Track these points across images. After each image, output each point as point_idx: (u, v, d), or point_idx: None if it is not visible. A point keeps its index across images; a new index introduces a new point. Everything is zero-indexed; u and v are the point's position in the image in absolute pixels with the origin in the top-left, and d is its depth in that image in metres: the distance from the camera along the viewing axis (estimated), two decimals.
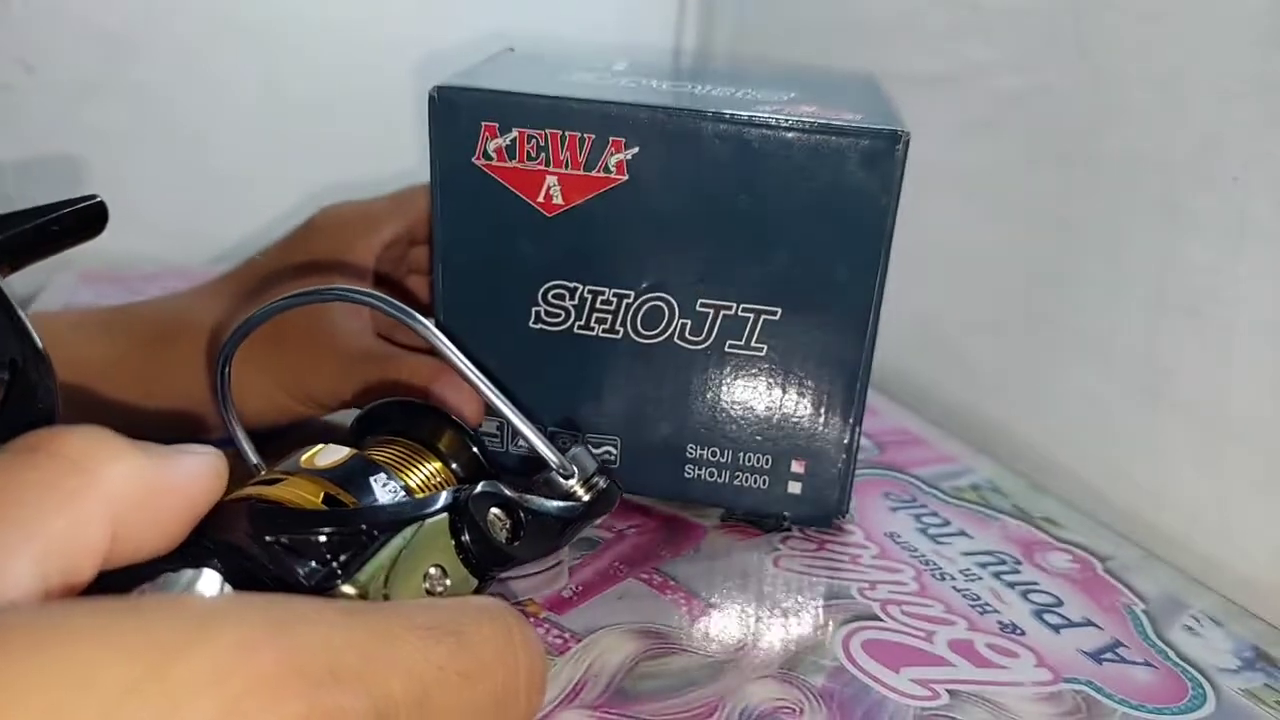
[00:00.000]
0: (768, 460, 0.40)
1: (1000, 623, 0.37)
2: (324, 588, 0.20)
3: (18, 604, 0.14)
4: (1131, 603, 0.39)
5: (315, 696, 0.13)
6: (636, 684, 0.32)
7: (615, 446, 0.41)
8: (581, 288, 0.38)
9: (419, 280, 0.46)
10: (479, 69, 0.41)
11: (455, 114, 0.37)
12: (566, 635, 0.34)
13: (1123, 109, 0.47)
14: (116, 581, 0.16)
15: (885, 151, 0.35)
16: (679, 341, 0.39)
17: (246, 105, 0.75)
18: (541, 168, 0.37)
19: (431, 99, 0.37)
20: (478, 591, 0.23)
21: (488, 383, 0.27)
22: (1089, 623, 0.37)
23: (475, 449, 0.28)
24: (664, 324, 0.39)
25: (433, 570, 0.21)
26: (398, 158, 0.74)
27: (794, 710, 0.31)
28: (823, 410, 0.39)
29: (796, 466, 0.40)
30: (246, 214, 0.74)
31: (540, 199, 0.37)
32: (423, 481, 0.26)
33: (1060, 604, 0.38)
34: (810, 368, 0.39)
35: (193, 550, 0.18)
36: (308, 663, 0.14)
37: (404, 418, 0.28)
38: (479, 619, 0.17)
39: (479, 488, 0.23)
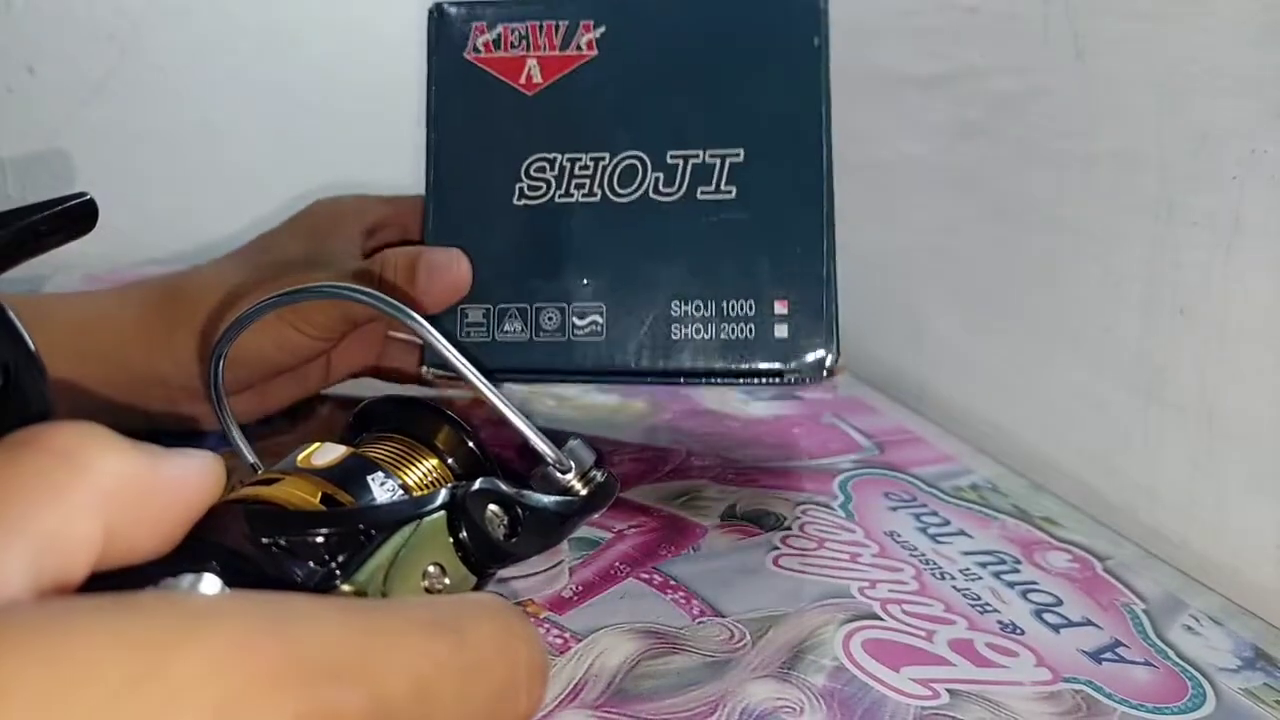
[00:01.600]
0: (751, 305, 0.41)
1: (1000, 622, 0.37)
2: (322, 588, 0.19)
3: (11, 601, 0.14)
4: (1131, 602, 0.39)
5: (314, 693, 0.13)
6: (637, 684, 0.32)
7: (601, 315, 0.41)
8: (560, 157, 0.42)
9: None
10: None
11: (451, 21, 0.42)
12: (567, 635, 0.34)
13: (1118, 110, 0.47)
14: (112, 586, 0.16)
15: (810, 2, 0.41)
16: (654, 196, 0.41)
17: (248, 105, 0.75)
18: (523, 53, 0.42)
19: (431, 13, 0.42)
20: (477, 589, 0.23)
21: (481, 377, 0.27)
22: (1089, 622, 0.37)
23: (472, 444, 0.28)
24: (638, 180, 0.41)
25: (431, 569, 0.21)
26: (400, 157, 0.74)
27: (794, 710, 0.31)
28: (796, 245, 0.41)
29: (780, 307, 0.41)
30: (249, 214, 0.74)
31: (522, 80, 0.42)
32: (420, 479, 0.26)
33: (1060, 603, 0.38)
34: (777, 204, 0.41)
35: (190, 553, 0.18)
36: (306, 660, 0.14)
37: (401, 414, 0.28)
38: (479, 615, 0.17)
39: (476, 485, 0.23)
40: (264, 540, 0.20)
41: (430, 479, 0.26)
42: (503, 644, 0.17)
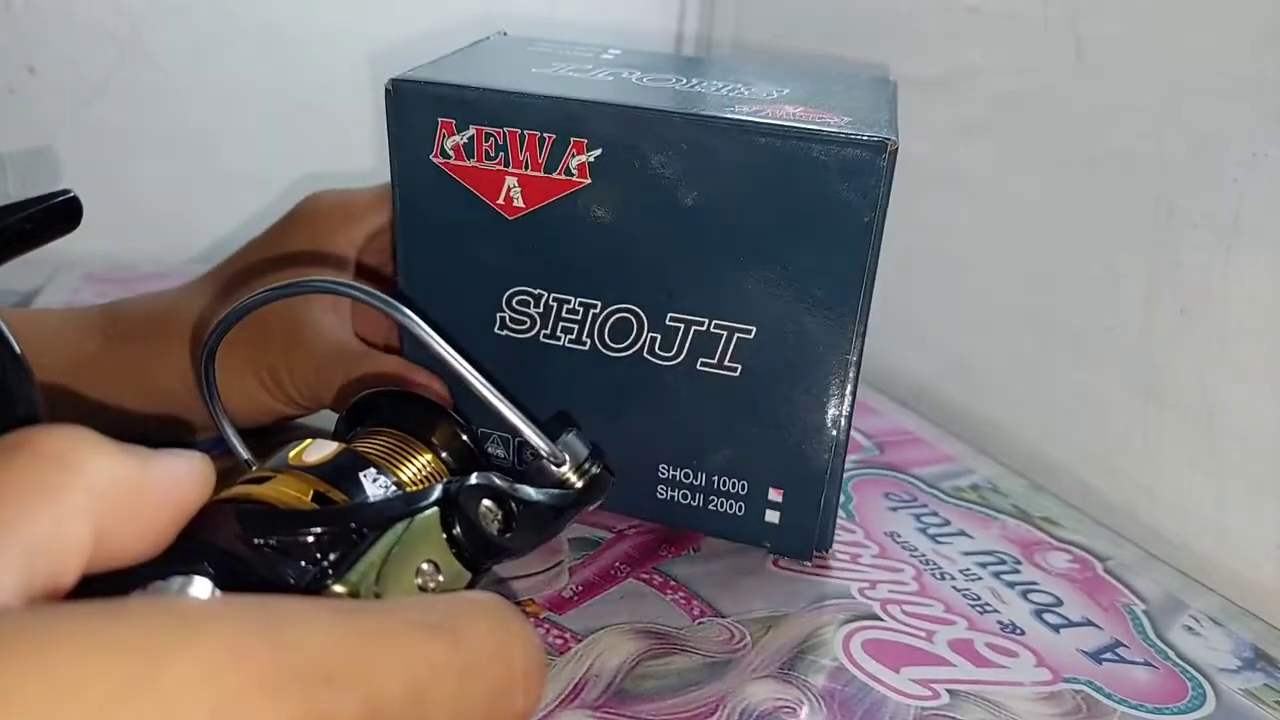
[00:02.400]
0: (743, 486, 0.38)
1: (1000, 622, 0.37)
2: (315, 588, 0.19)
3: (1, 606, 0.14)
4: (1131, 603, 0.39)
5: (308, 697, 0.13)
6: (637, 684, 0.32)
7: None
8: (546, 295, 0.37)
9: None
10: (450, 59, 0.39)
11: (412, 109, 0.35)
12: (567, 635, 0.34)
13: (1120, 111, 0.47)
14: (103, 589, 0.16)
15: (868, 162, 0.32)
16: (649, 356, 0.37)
17: (249, 106, 0.75)
18: (501, 168, 0.35)
19: (388, 91, 0.35)
20: (471, 584, 0.22)
21: (471, 370, 0.27)
22: (1089, 623, 0.37)
23: (466, 438, 0.28)
24: (633, 337, 0.37)
25: (425, 566, 0.21)
26: None
27: (794, 710, 0.31)
28: (801, 437, 0.37)
29: (774, 495, 0.38)
30: (249, 215, 0.74)
31: (501, 201, 0.36)
32: (414, 474, 0.25)
33: (1060, 604, 0.38)
34: (787, 392, 0.36)
35: (181, 555, 0.18)
36: (300, 663, 0.13)
37: (393, 408, 0.28)
38: (474, 615, 0.17)
39: (469, 480, 0.23)
40: (255, 540, 0.20)
41: (424, 474, 0.26)
42: (499, 643, 0.17)
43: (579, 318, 0.37)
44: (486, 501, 0.23)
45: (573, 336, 0.37)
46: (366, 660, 0.14)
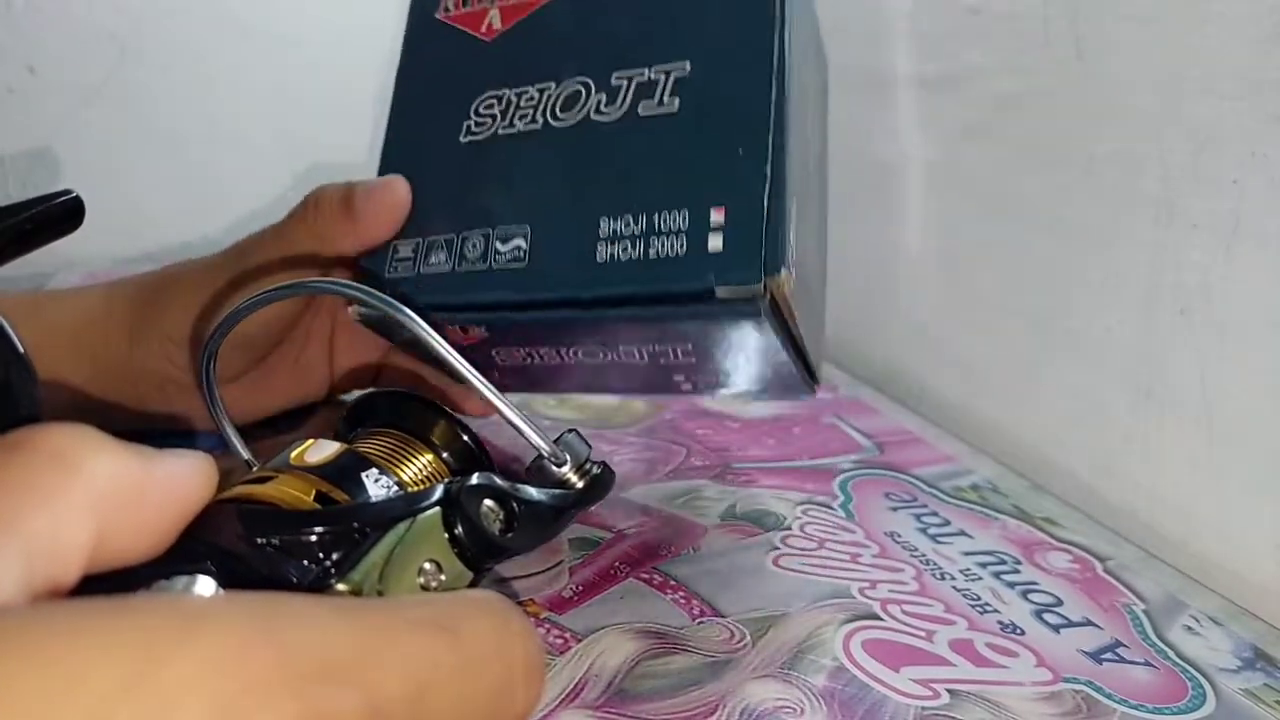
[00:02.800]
0: (684, 217, 0.36)
1: (1000, 622, 0.37)
2: (317, 587, 0.19)
3: (3, 604, 0.14)
4: (1131, 603, 0.39)
5: (309, 695, 0.13)
6: (637, 684, 0.32)
7: (524, 239, 0.38)
8: (509, 92, 0.40)
9: None
10: None
11: None
12: (567, 635, 0.34)
13: (1119, 111, 0.47)
14: (106, 588, 0.16)
15: None
16: (594, 117, 0.39)
17: (248, 105, 0.75)
18: (486, 5, 0.42)
19: None
20: (473, 584, 0.23)
21: (471, 369, 0.27)
22: (1089, 623, 0.37)
23: (467, 438, 0.28)
24: (580, 104, 0.39)
25: (427, 565, 0.21)
26: None
27: (794, 710, 0.31)
28: (738, 150, 0.36)
29: (716, 215, 0.36)
30: (249, 214, 0.74)
31: (483, 29, 0.42)
32: (415, 474, 0.25)
33: (1060, 604, 0.38)
34: (723, 113, 0.37)
35: (184, 554, 0.18)
36: (301, 661, 0.13)
37: (395, 409, 0.28)
38: (475, 613, 0.17)
39: (470, 480, 0.23)
40: (258, 540, 0.20)
41: (425, 474, 0.26)
42: (499, 642, 0.17)
43: (535, 101, 0.40)
44: (488, 501, 0.23)
45: (527, 120, 0.40)
46: (368, 658, 0.14)
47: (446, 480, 0.23)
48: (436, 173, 0.40)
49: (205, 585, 0.16)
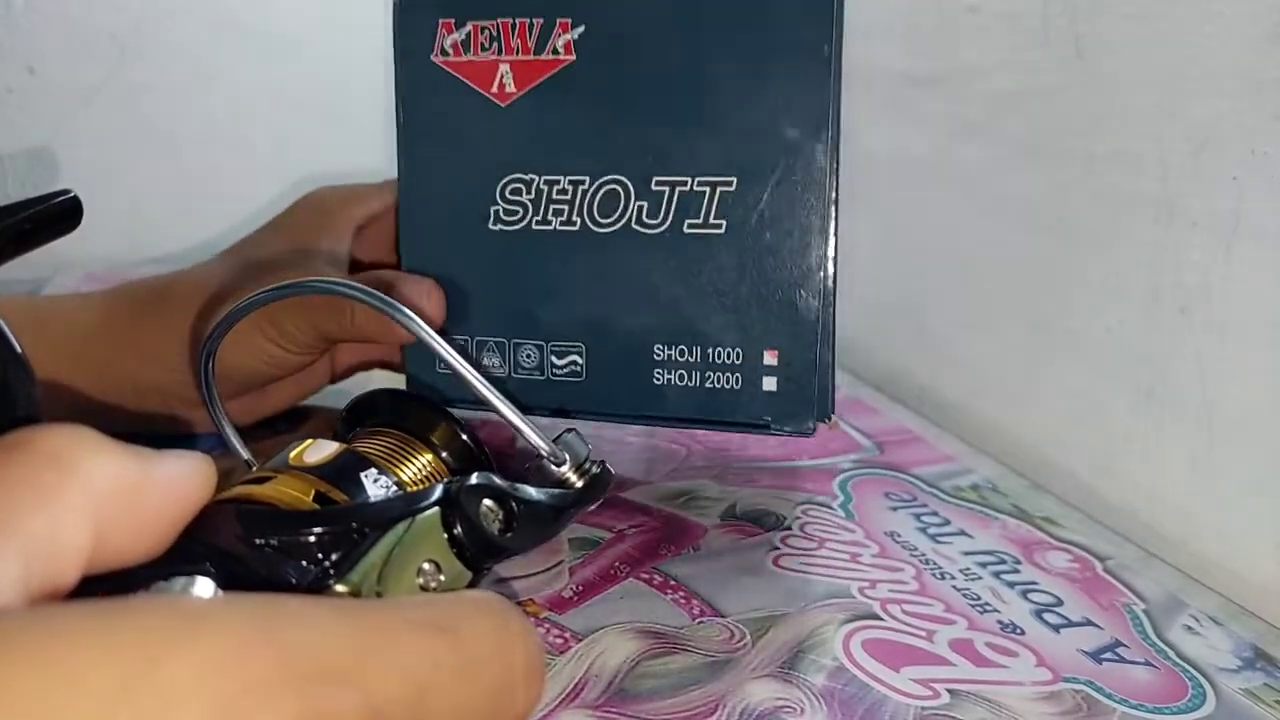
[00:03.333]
0: (738, 354, 0.38)
1: (1000, 622, 0.37)
2: (316, 588, 0.19)
3: (2, 607, 0.14)
4: (1131, 602, 0.39)
5: (309, 696, 0.13)
6: (637, 684, 0.32)
7: (580, 355, 0.39)
8: (538, 179, 0.39)
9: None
10: None
11: (416, 15, 0.39)
12: (567, 635, 0.34)
13: (1119, 109, 0.47)
14: (105, 589, 0.16)
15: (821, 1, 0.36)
16: (637, 227, 0.38)
17: (248, 105, 0.75)
18: (494, 57, 0.38)
19: (395, 4, 0.39)
20: (472, 584, 0.23)
21: (471, 370, 0.27)
22: (1089, 622, 0.37)
23: (466, 438, 0.28)
24: (620, 208, 0.38)
25: (426, 566, 0.21)
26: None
27: (794, 710, 0.31)
28: (792, 289, 0.37)
29: (769, 358, 0.38)
30: (248, 214, 0.74)
31: (494, 89, 0.39)
32: (414, 474, 0.25)
33: (1060, 604, 0.38)
34: (772, 241, 0.37)
35: (182, 555, 0.18)
36: (301, 662, 0.13)
37: (394, 409, 0.28)
38: (474, 614, 0.17)
39: (470, 480, 0.23)
40: (257, 540, 0.20)
41: (425, 474, 0.26)
42: (499, 643, 0.17)
43: (569, 196, 0.38)
44: (487, 501, 0.23)
45: (563, 219, 0.39)
46: (367, 659, 0.14)
47: (446, 480, 0.23)
48: (470, 263, 0.39)
49: (204, 586, 0.16)
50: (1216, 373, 0.43)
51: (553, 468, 0.28)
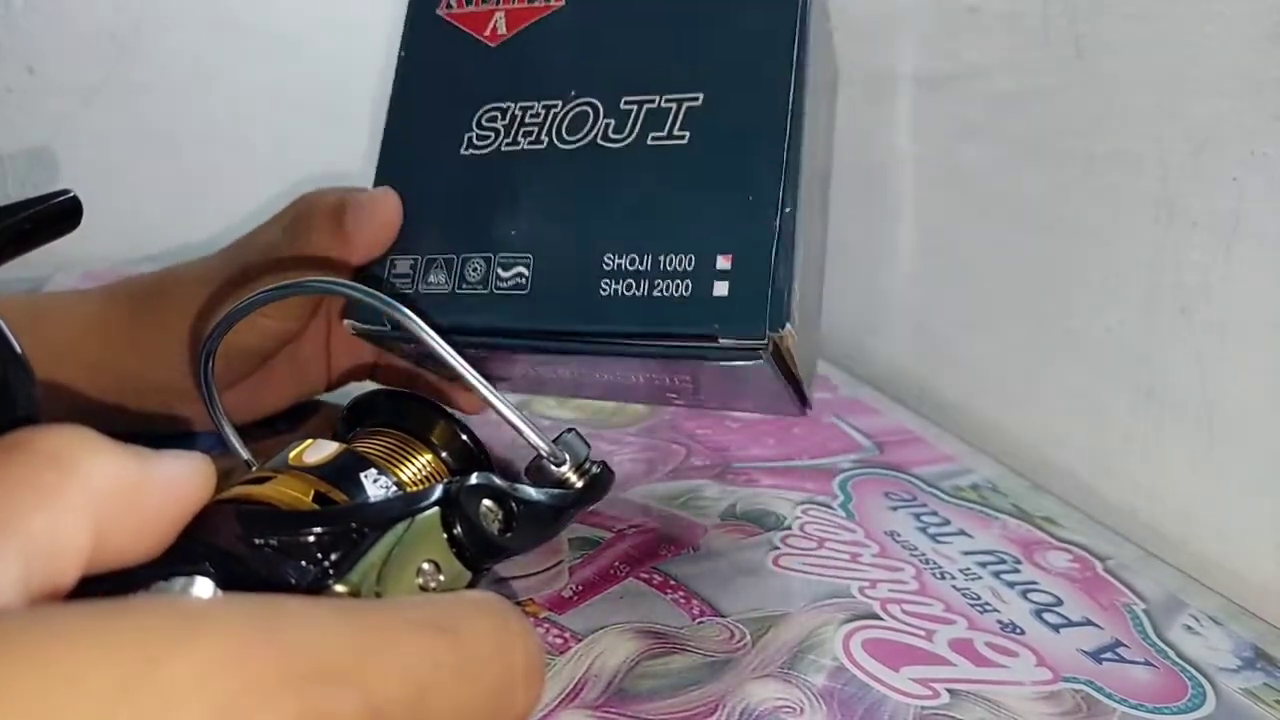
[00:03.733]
0: (690, 260, 0.36)
1: (1000, 622, 0.37)
2: (315, 588, 0.19)
3: (1, 607, 0.14)
4: (1131, 602, 0.39)
5: (308, 696, 0.13)
6: (636, 684, 0.32)
7: (527, 267, 0.37)
8: (513, 106, 0.39)
9: None
10: None
11: None
12: (566, 635, 0.34)
13: (1119, 110, 0.47)
14: (104, 589, 0.16)
15: None
16: (602, 142, 0.38)
17: (248, 106, 0.75)
18: (492, 7, 0.40)
19: None
20: (472, 584, 0.22)
21: (470, 369, 0.27)
22: (1089, 622, 0.37)
23: (466, 438, 0.28)
24: (588, 127, 0.38)
25: (426, 566, 0.21)
26: None
27: (794, 710, 0.31)
28: (748, 197, 0.36)
29: (722, 262, 0.36)
30: (248, 214, 0.74)
31: (487, 32, 0.40)
32: (414, 474, 0.25)
33: (1060, 603, 0.38)
34: (733, 153, 0.37)
35: (182, 555, 0.18)
36: (300, 662, 0.13)
37: (394, 409, 0.28)
38: (474, 614, 0.17)
39: (469, 480, 0.23)
40: (256, 540, 0.20)
41: (424, 474, 0.26)
42: (499, 643, 0.17)
43: (540, 119, 0.38)
44: (487, 501, 0.23)
45: (532, 138, 0.38)
46: (367, 659, 0.14)
47: (445, 480, 0.23)
48: (435, 185, 0.39)
49: (203, 586, 0.16)
50: (1216, 373, 0.43)
51: (552, 468, 0.28)
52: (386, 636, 0.15)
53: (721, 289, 0.35)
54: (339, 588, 0.20)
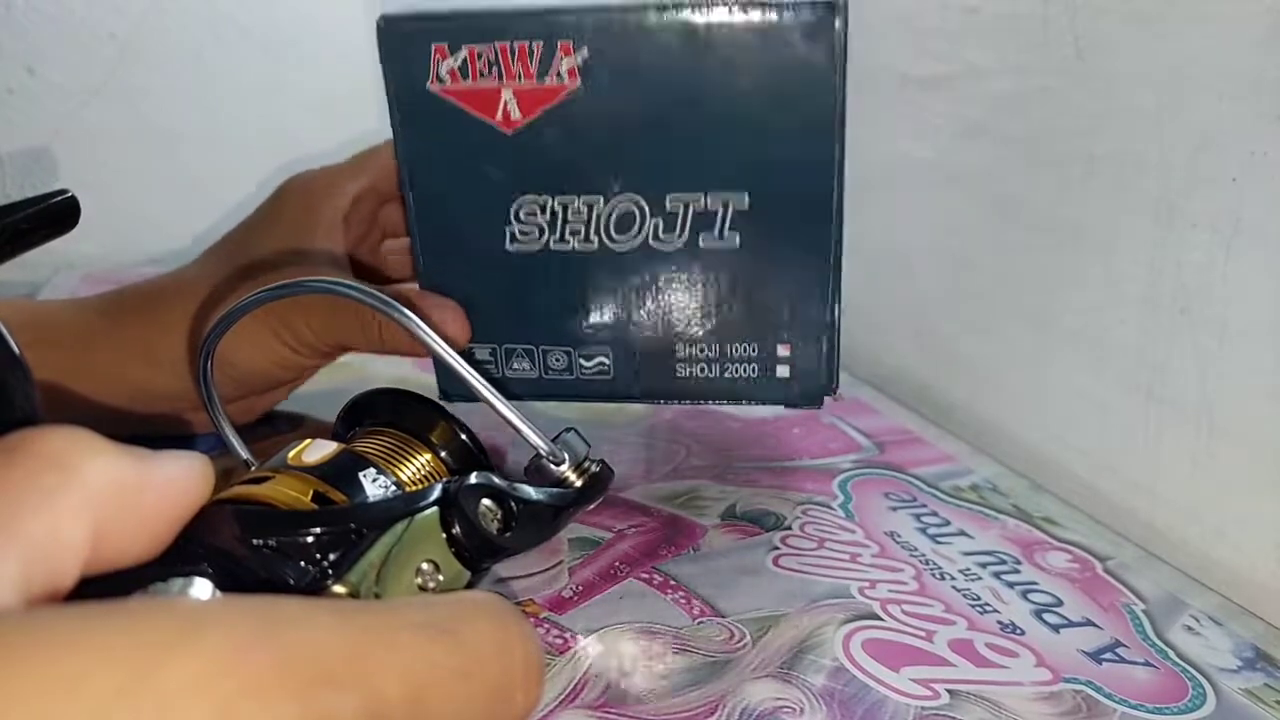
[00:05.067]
0: (754, 347, 0.40)
1: (1000, 622, 0.37)
2: (314, 588, 0.19)
3: (1, 608, 0.14)
4: (1131, 602, 0.39)
5: (307, 698, 0.13)
6: (637, 684, 0.32)
7: (607, 357, 0.41)
8: (551, 200, 0.39)
9: (395, 245, 0.47)
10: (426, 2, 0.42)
11: (405, 40, 0.37)
12: (567, 635, 0.34)
13: (1119, 110, 0.47)
14: (102, 591, 0.16)
15: (824, 21, 0.36)
16: (653, 244, 0.39)
17: (248, 106, 0.75)
18: (495, 84, 0.37)
19: (379, 28, 0.37)
20: (471, 584, 0.22)
21: (470, 370, 0.27)
22: (1089, 622, 0.37)
23: (465, 438, 0.28)
24: (637, 227, 0.39)
25: (425, 566, 0.21)
26: None
27: (794, 710, 0.31)
28: (800, 291, 0.39)
29: (782, 350, 0.40)
30: (247, 214, 0.74)
31: (499, 117, 0.38)
32: (413, 474, 0.25)
33: (1060, 604, 0.38)
34: (783, 251, 0.39)
35: (180, 556, 0.18)
36: (299, 664, 0.13)
37: (393, 408, 0.28)
38: (474, 615, 0.17)
39: (468, 480, 0.23)
40: (255, 541, 0.20)
41: (423, 474, 0.26)
42: (499, 644, 0.17)
43: (584, 217, 0.39)
44: (486, 501, 0.23)
45: (581, 238, 0.39)
46: (366, 661, 0.14)
47: (444, 480, 0.23)
48: (488, 282, 0.40)
49: (202, 587, 0.16)
50: (1216, 373, 0.43)
51: (552, 467, 0.28)
52: (385, 638, 0.15)
53: (783, 371, 0.41)
54: (338, 588, 0.20)
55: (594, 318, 0.40)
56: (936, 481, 0.47)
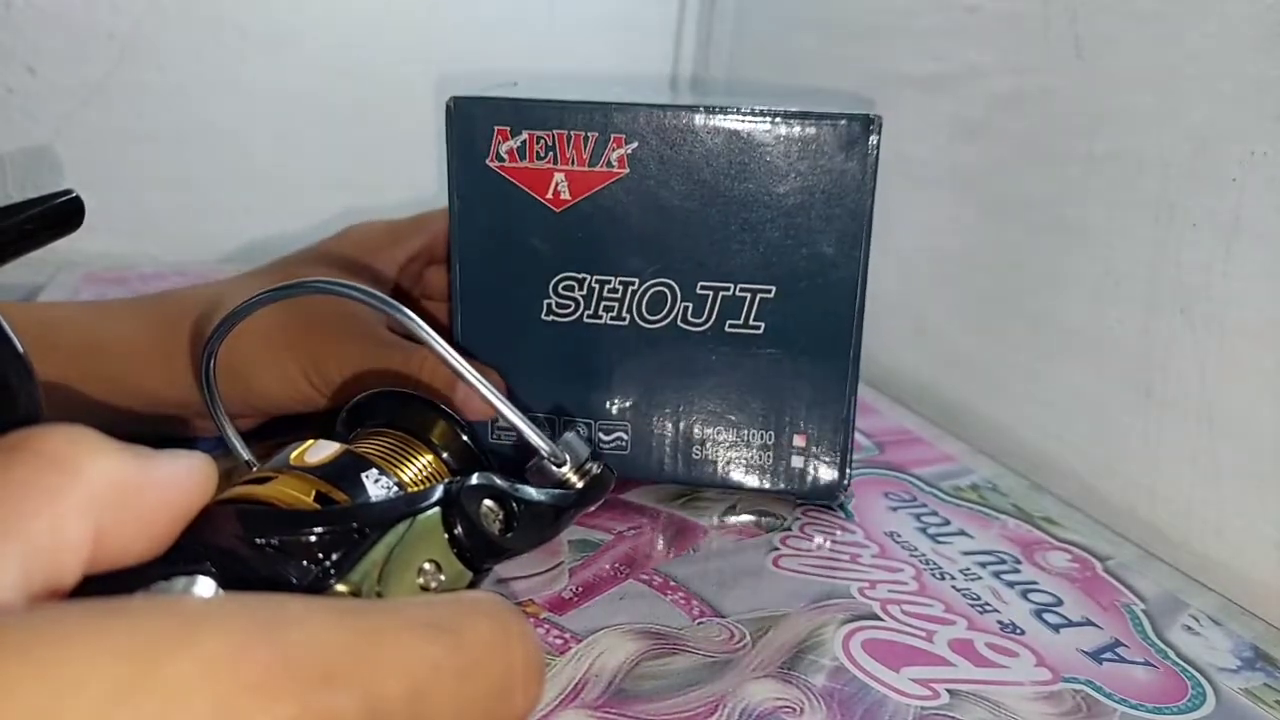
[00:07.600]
0: (770, 436, 0.42)
1: (1000, 622, 0.37)
2: (316, 588, 0.19)
3: (2, 607, 0.14)
4: (1131, 602, 0.39)
5: (308, 697, 0.13)
6: (636, 684, 0.32)
7: (625, 433, 0.42)
8: (589, 278, 0.41)
9: (434, 306, 0.49)
10: (489, 88, 0.44)
11: (471, 120, 0.40)
12: (567, 635, 0.34)
13: (1119, 110, 0.47)
14: (105, 589, 0.16)
15: (861, 135, 0.39)
16: (682, 325, 0.41)
17: (248, 106, 0.75)
18: (550, 166, 0.40)
19: (449, 108, 0.40)
20: (473, 584, 0.22)
21: (473, 371, 0.27)
22: (1089, 622, 0.37)
23: (467, 438, 0.28)
24: (667, 308, 0.41)
25: (426, 566, 0.21)
26: (399, 157, 0.74)
27: (794, 710, 0.31)
28: (819, 385, 0.41)
29: (798, 440, 0.42)
30: (247, 214, 0.74)
31: (549, 195, 0.40)
32: (415, 474, 0.25)
33: (1060, 603, 0.38)
34: (805, 343, 0.41)
35: (183, 555, 0.18)
36: (300, 663, 0.13)
37: (394, 409, 0.28)
38: (475, 615, 0.17)
39: (470, 480, 0.23)
40: (257, 540, 0.20)
41: (425, 474, 0.26)
42: (499, 644, 0.17)
43: (619, 295, 0.41)
44: (488, 501, 0.23)
45: (613, 314, 0.41)
46: (367, 660, 0.14)
47: (446, 480, 0.23)
48: (522, 348, 0.41)
49: (204, 586, 0.16)
50: (1216, 372, 0.43)
51: (553, 468, 0.28)
52: (387, 638, 0.15)
53: (798, 462, 0.42)
54: (340, 588, 0.20)
55: (617, 392, 0.42)
56: (936, 481, 0.47)
